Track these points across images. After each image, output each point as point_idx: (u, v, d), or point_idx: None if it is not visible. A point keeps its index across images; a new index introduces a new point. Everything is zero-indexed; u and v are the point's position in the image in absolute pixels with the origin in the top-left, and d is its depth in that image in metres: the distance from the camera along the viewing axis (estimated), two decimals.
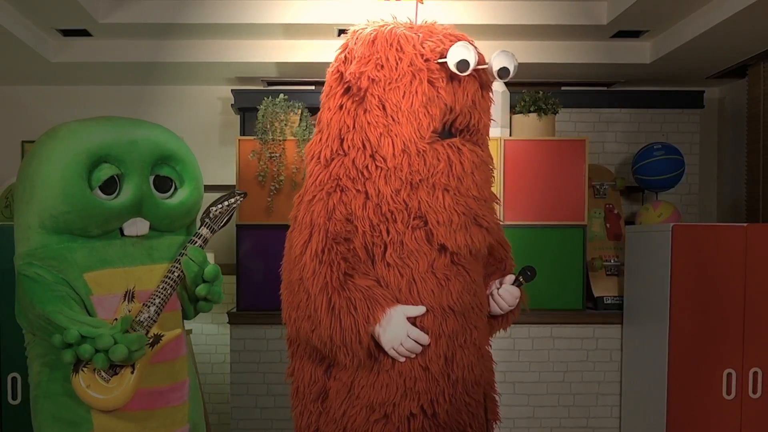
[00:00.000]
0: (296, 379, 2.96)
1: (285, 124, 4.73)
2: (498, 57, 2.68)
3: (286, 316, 2.85)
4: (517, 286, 2.88)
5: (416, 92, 2.65)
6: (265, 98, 4.79)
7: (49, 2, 4.29)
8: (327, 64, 5.32)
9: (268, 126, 4.72)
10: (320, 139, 2.84)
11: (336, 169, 2.75)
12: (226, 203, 3.12)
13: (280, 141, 4.72)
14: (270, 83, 5.66)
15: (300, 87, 5.53)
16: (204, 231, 3.07)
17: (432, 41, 2.70)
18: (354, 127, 2.74)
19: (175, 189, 3.13)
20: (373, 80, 2.70)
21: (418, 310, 2.66)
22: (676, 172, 5.28)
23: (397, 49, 2.69)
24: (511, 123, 5.05)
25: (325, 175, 2.77)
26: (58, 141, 2.88)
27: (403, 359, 2.66)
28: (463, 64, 2.61)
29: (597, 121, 5.63)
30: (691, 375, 4.27)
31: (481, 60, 2.71)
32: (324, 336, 2.67)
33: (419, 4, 2.97)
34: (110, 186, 2.91)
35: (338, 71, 2.87)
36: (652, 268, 4.53)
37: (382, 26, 2.80)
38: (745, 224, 4.33)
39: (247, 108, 5.28)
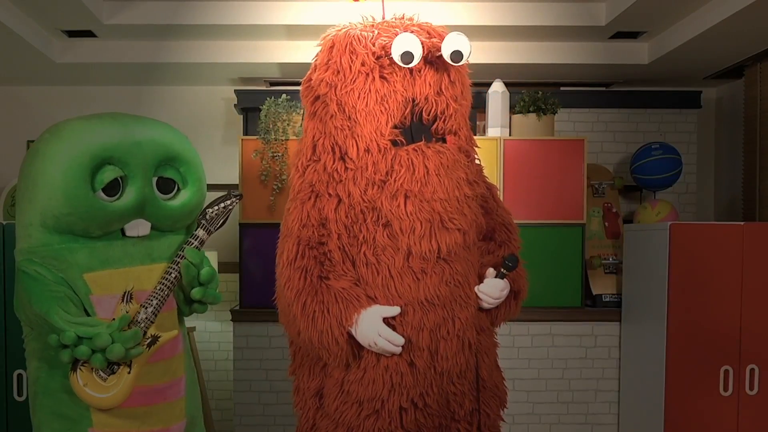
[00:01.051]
0: (297, 376, 3.00)
1: (287, 124, 4.73)
2: (449, 41, 2.67)
3: (280, 321, 2.93)
4: (500, 278, 2.83)
5: (369, 91, 2.67)
6: (268, 98, 4.79)
7: (54, 4, 4.29)
8: None
9: (271, 126, 4.72)
10: (299, 149, 2.89)
11: (310, 176, 2.80)
12: (222, 205, 3.11)
13: (282, 140, 4.72)
14: (272, 83, 5.66)
15: None
16: (200, 233, 3.05)
17: (385, 37, 2.70)
18: (324, 132, 2.78)
19: (178, 190, 3.11)
20: (330, 85, 2.74)
21: (393, 310, 2.67)
22: (674, 172, 5.28)
23: (350, 52, 2.71)
24: (511, 123, 5.05)
25: (301, 183, 2.81)
26: (61, 140, 2.85)
27: (389, 355, 2.68)
28: (407, 56, 2.61)
29: (596, 121, 5.63)
30: (689, 371, 4.28)
31: (433, 46, 2.70)
32: (305, 339, 2.73)
33: (389, 1, 2.99)
34: (113, 188, 2.88)
35: (309, 79, 2.89)
36: (650, 266, 4.53)
37: (340, 30, 2.82)
38: (742, 223, 4.33)
39: (250, 108, 5.29)
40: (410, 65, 2.63)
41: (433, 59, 2.70)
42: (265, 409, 4.83)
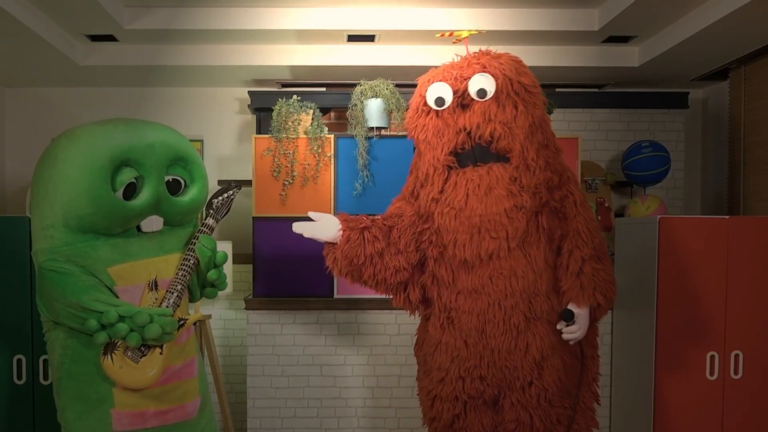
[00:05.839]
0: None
1: (298, 123, 4.73)
2: (474, 81, 3.00)
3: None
4: (568, 325, 3.04)
5: (428, 126, 3.09)
6: (280, 99, 4.79)
7: (78, 10, 4.30)
8: (337, 67, 5.39)
9: (282, 125, 4.72)
10: None
11: (407, 185, 3.35)
12: (225, 195, 3.29)
13: (293, 139, 4.73)
14: (284, 85, 5.67)
15: (312, 89, 5.54)
16: (210, 221, 3.22)
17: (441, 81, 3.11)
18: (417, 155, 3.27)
19: (185, 187, 3.17)
20: (408, 122, 3.21)
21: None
22: (663, 168, 5.28)
23: (420, 95, 3.14)
24: None
25: (404, 188, 3.37)
26: (79, 145, 2.90)
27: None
28: (439, 101, 3.06)
29: (589, 120, 5.62)
30: (677, 357, 4.28)
31: (460, 87, 3.04)
32: None
33: (467, 41, 3.26)
34: (130, 188, 2.94)
35: None
36: (640, 258, 4.53)
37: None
38: (727, 216, 4.33)
39: (263, 108, 5.29)
40: (442, 108, 3.04)
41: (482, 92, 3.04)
42: (277, 392, 4.84)
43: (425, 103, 3.09)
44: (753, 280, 4.27)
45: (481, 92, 2.97)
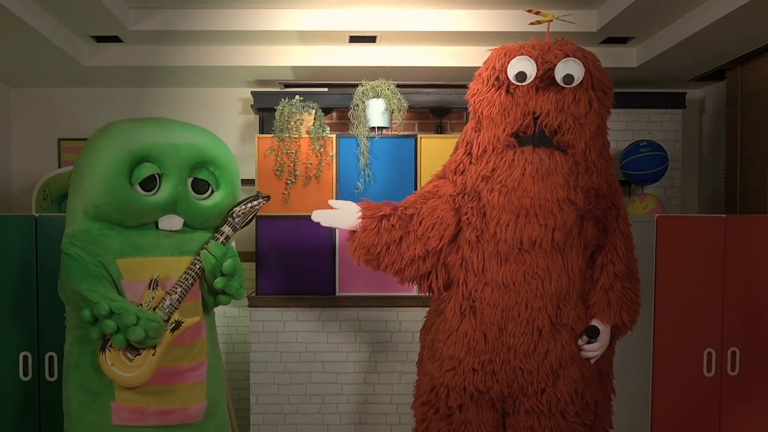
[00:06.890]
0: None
1: (300, 123, 4.73)
2: (561, 66, 2.83)
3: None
4: (592, 341, 3.00)
5: (495, 102, 2.86)
6: (282, 99, 4.79)
7: (83, 11, 4.31)
8: (339, 68, 5.38)
9: (285, 125, 4.73)
10: None
11: (448, 163, 3.16)
12: (249, 205, 3.16)
13: (295, 138, 4.73)
14: (287, 85, 5.68)
15: (314, 89, 5.54)
16: (226, 229, 3.11)
17: (523, 57, 2.91)
18: (466, 130, 3.08)
19: (212, 191, 3.16)
20: (473, 93, 2.99)
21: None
22: (661, 167, 5.28)
23: (493, 68, 2.91)
24: None
25: (443, 167, 3.21)
26: (108, 138, 2.98)
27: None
28: (520, 76, 2.82)
29: None
30: (675, 354, 4.28)
31: (541, 68, 2.85)
32: None
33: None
34: (150, 183, 2.97)
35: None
36: (638, 256, 4.50)
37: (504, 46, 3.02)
38: (724, 215, 4.33)
39: (266, 108, 5.29)
40: (524, 83, 2.82)
41: (564, 81, 2.85)
42: (279, 388, 4.84)
43: (497, 77, 2.89)
44: (750, 278, 4.26)
45: (568, 78, 2.81)
